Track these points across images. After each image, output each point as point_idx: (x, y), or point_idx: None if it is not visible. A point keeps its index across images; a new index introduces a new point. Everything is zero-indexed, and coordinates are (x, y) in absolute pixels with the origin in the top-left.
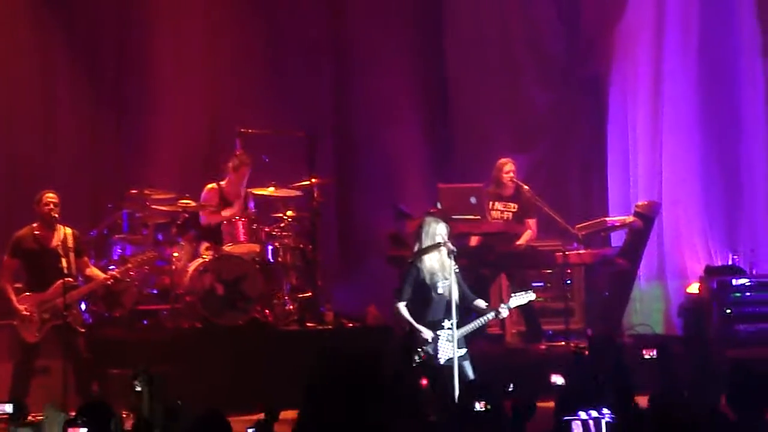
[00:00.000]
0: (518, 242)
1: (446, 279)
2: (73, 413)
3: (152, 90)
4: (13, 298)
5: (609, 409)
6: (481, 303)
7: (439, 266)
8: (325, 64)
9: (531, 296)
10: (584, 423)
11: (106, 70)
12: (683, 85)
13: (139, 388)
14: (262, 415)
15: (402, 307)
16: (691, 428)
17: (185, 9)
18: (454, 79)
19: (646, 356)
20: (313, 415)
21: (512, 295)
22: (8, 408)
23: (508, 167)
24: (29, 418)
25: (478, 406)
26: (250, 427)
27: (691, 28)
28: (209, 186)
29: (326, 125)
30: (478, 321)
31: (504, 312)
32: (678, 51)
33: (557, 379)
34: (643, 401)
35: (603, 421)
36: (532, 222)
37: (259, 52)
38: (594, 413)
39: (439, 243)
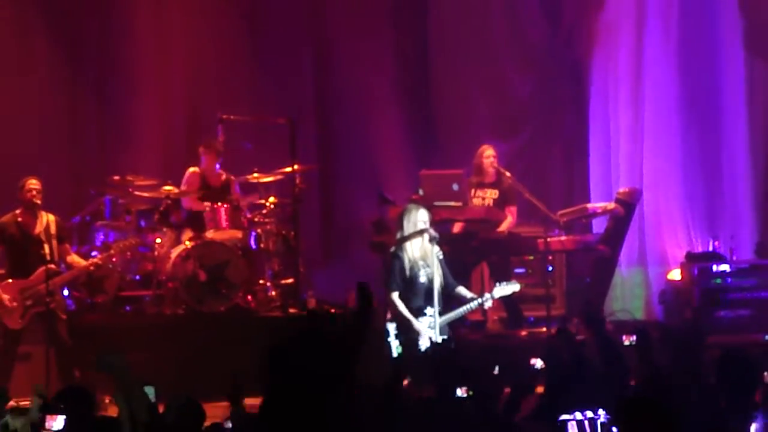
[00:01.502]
0: (499, 229)
1: (428, 266)
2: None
3: (134, 76)
4: None
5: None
6: (463, 291)
7: (421, 254)
8: (307, 50)
9: (515, 287)
10: (579, 423)
11: (87, 55)
12: (664, 72)
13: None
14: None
15: (396, 298)
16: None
17: None
18: (435, 65)
19: (626, 342)
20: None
21: (497, 284)
22: None
23: (488, 153)
24: (12, 403)
25: (460, 392)
26: (227, 418)
27: (672, 16)
28: (191, 170)
29: (308, 112)
30: (461, 309)
31: (488, 302)
32: (659, 38)
33: (537, 362)
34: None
35: (598, 422)
36: (512, 209)
37: (241, 38)
38: (589, 413)
39: (422, 230)
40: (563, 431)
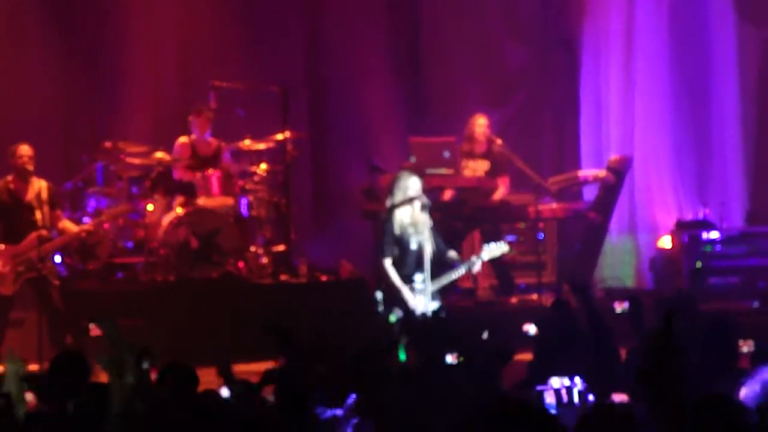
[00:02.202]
0: (491, 199)
1: (419, 233)
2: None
3: (125, 42)
4: None
5: (583, 374)
6: (454, 255)
7: (411, 221)
8: (299, 18)
9: (504, 248)
10: (557, 392)
11: (79, 22)
12: (655, 41)
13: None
14: (237, 367)
15: (389, 265)
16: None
17: None
18: (427, 34)
19: (618, 309)
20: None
21: (485, 246)
22: None
23: (481, 122)
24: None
25: (451, 359)
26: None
27: None
28: (181, 139)
29: (300, 79)
30: (451, 273)
31: (477, 264)
32: (650, 7)
33: (530, 329)
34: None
35: (575, 390)
36: (504, 180)
37: (233, 5)
38: (566, 382)
39: (412, 197)
40: (540, 400)
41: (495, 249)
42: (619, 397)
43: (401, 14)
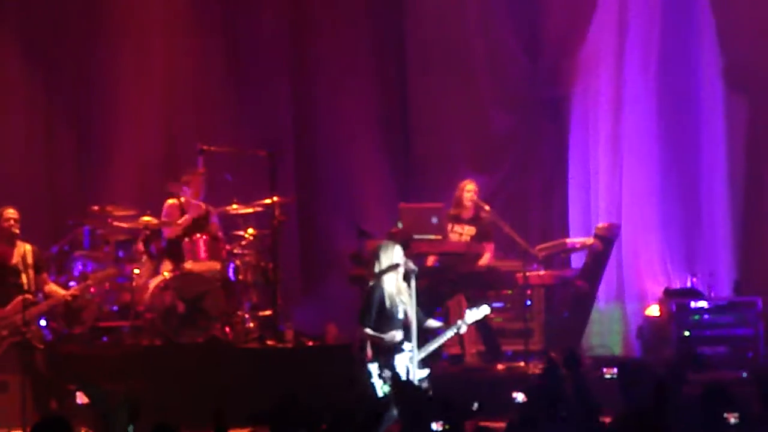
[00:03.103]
0: (479, 263)
1: (403, 302)
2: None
3: (112, 106)
4: None
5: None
6: (433, 323)
7: (396, 290)
8: (286, 81)
9: (486, 310)
10: None
11: (65, 84)
12: (644, 108)
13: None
14: None
15: (369, 331)
16: None
17: (145, 26)
18: (414, 99)
19: (607, 375)
20: None
21: (467, 311)
22: None
23: (470, 187)
24: None
25: (436, 426)
26: None
27: (652, 52)
28: (170, 201)
29: (287, 144)
30: (437, 339)
31: (463, 328)
32: (639, 74)
33: (518, 396)
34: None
35: None
36: (489, 246)
37: (219, 69)
38: None
39: (396, 265)
40: None
41: (477, 312)
42: None
43: (390, 79)
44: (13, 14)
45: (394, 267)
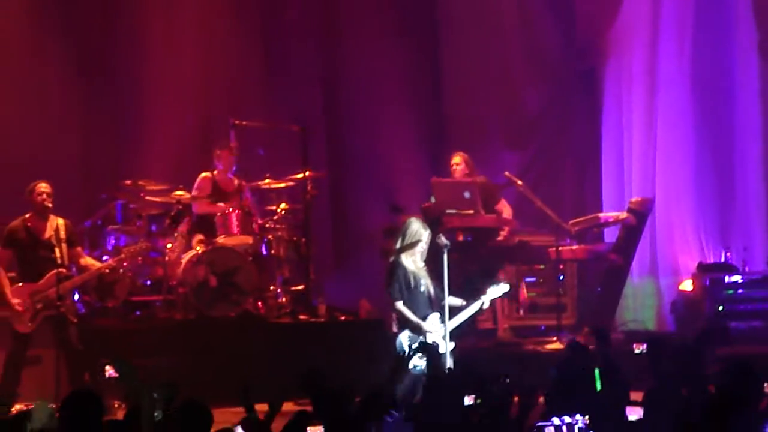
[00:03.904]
0: (503, 216)
1: (423, 278)
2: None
3: (146, 80)
4: (7, 290)
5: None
6: (453, 300)
7: (416, 266)
8: (318, 57)
9: (505, 288)
10: (557, 429)
11: (100, 60)
12: (678, 82)
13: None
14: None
15: (402, 305)
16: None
17: (179, 1)
18: (447, 74)
19: (636, 351)
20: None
21: (489, 288)
22: None
23: (456, 160)
24: (19, 407)
25: (468, 400)
26: (237, 424)
27: (687, 24)
28: (203, 174)
29: (319, 118)
30: (461, 315)
31: (486, 304)
32: (673, 47)
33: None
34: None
35: (576, 427)
36: (501, 203)
37: (253, 44)
38: (567, 419)
39: (417, 242)
40: None
41: (497, 289)
42: None
43: (422, 54)
44: None
45: (414, 244)
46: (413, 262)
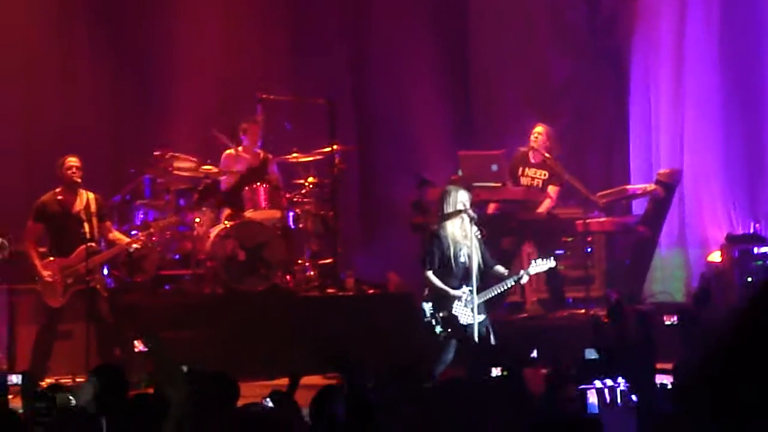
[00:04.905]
0: (537, 211)
1: (467, 246)
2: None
3: (173, 56)
4: (38, 263)
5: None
6: (500, 269)
7: (461, 234)
8: (346, 31)
9: (551, 263)
10: (599, 391)
11: (128, 33)
12: (705, 54)
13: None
14: (279, 382)
15: (431, 275)
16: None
17: None
18: (475, 47)
19: (667, 322)
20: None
21: (533, 261)
22: (16, 378)
23: (537, 130)
24: (49, 380)
25: (496, 372)
26: (267, 396)
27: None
28: (227, 151)
29: (347, 92)
30: (498, 286)
31: (525, 278)
32: (701, 22)
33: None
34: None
35: (618, 390)
36: (553, 190)
37: (280, 18)
38: (609, 382)
39: (461, 210)
40: (583, 400)
41: (542, 264)
42: None
43: (448, 28)
44: None
45: (459, 212)
46: (461, 228)
